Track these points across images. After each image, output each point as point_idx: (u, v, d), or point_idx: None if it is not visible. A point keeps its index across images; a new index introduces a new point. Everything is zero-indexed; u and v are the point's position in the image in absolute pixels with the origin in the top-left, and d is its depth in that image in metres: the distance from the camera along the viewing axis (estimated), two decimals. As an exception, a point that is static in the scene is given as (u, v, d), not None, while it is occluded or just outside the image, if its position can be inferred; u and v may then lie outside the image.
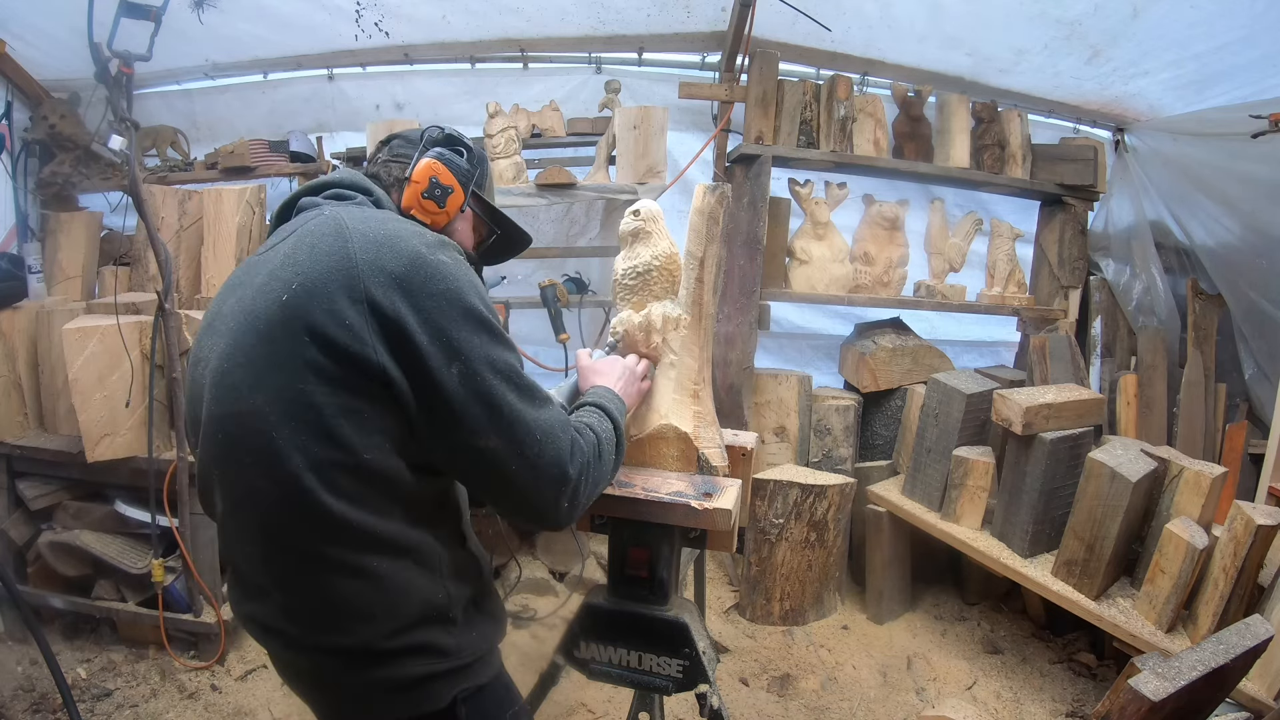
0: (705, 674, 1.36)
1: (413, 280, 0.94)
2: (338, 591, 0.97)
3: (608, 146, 3.09)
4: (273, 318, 0.94)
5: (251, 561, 1.03)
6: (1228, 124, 2.99)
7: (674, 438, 1.46)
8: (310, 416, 0.92)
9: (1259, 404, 3.16)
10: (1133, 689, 1.11)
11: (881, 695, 2.43)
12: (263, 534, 0.99)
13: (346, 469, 0.93)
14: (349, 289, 0.92)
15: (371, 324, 0.92)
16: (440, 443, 0.98)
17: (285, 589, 1.00)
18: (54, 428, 2.54)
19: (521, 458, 0.99)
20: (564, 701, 2.26)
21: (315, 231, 1.00)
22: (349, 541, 0.95)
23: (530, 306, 2.96)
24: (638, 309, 1.53)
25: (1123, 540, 2.21)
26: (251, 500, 0.97)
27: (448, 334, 0.94)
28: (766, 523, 2.72)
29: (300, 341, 0.92)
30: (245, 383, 0.95)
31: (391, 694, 1.02)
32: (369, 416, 0.93)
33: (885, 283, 3.27)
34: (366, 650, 0.99)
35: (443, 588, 1.04)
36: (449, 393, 0.94)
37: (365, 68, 3.30)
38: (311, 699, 1.11)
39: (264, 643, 1.07)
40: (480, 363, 0.96)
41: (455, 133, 1.28)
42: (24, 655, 2.39)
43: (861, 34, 3.12)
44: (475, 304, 0.98)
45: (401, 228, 1.02)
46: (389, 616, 0.99)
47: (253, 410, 0.94)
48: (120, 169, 3.05)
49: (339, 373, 0.92)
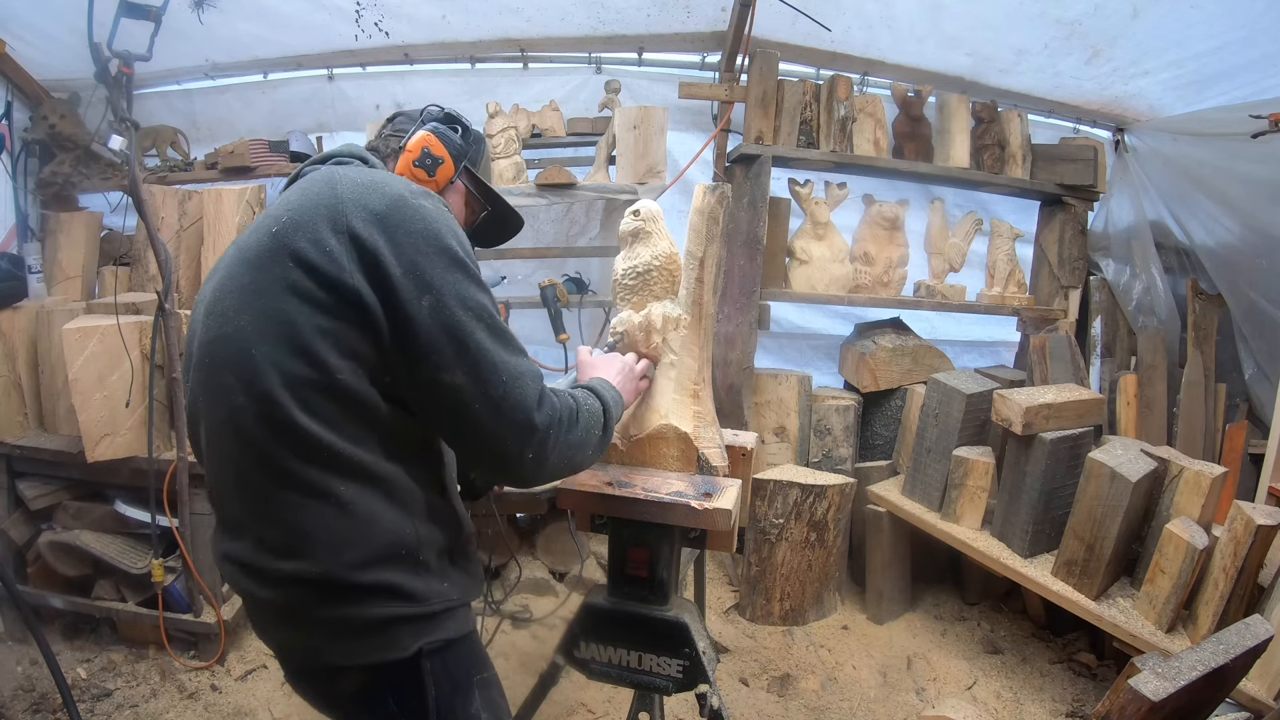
0: (705, 674, 1.36)
1: (392, 218, 1.00)
2: (305, 515, 0.99)
3: (608, 146, 3.09)
4: (262, 247, 1.01)
5: (227, 489, 1.06)
6: (1228, 124, 2.99)
7: (674, 438, 1.47)
8: (287, 334, 0.97)
9: (1259, 404, 3.16)
10: (1133, 689, 1.11)
11: (881, 695, 2.43)
12: (238, 456, 1.02)
13: (319, 388, 0.97)
14: (332, 221, 0.99)
15: (351, 252, 0.97)
16: (410, 377, 1.00)
17: (256, 514, 1.03)
18: (54, 428, 2.54)
19: (485, 396, 1.01)
20: (564, 701, 2.26)
21: (310, 180, 1.10)
22: (318, 461, 0.98)
23: (530, 306, 2.96)
24: (638, 309, 1.53)
25: (1123, 540, 2.22)
26: (231, 421, 1.01)
27: (421, 268, 0.98)
28: (766, 523, 2.72)
29: (285, 266, 0.98)
30: (233, 307, 1.01)
31: (357, 636, 1.03)
32: (344, 338, 0.97)
33: (885, 283, 3.27)
34: (332, 581, 1.00)
35: (412, 527, 1.05)
36: (418, 324, 0.97)
37: (365, 68, 3.30)
38: (282, 644, 1.13)
39: (240, 583, 1.08)
40: (451, 298, 0.99)
41: (455, 113, 1.35)
42: (24, 655, 2.39)
43: (861, 34, 3.12)
44: (452, 244, 1.02)
45: (389, 177, 1.09)
46: (354, 545, 1.00)
47: (237, 330, 0.99)
48: (120, 169, 3.05)
49: (319, 295, 0.97)
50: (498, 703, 1.18)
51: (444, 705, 1.09)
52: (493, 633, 2.47)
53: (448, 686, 1.09)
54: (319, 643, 1.05)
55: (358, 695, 1.08)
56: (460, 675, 1.12)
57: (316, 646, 1.05)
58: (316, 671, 1.11)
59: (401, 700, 1.08)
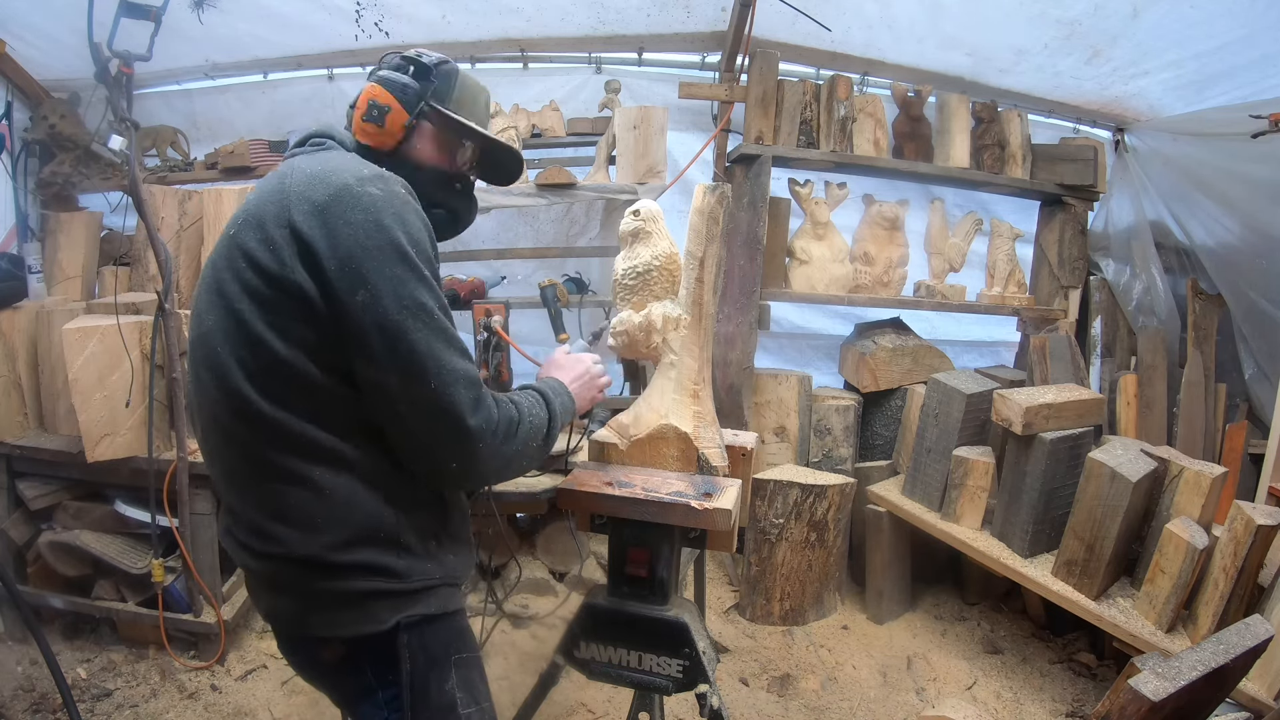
0: (705, 674, 1.36)
1: (332, 209, 0.99)
2: (285, 501, 1.03)
3: (608, 146, 3.09)
4: (221, 248, 1.06)
5: (218, 477, 1.13)
6: (1228, 124, 2.99)
7: (674, 438, 1.46)
8: (243, 330, 1.00)
9: (1259, 404, 3.16)
10: (1133, 689, 1.11)
11: (881, 695, 2.43)
12: (225, 446, 1.08)
13: (276, 377, 1.00)
14: (276, 216, 1.01)
15: (291, 246, 0.99)
16: (350, 368, 1.01)
17: (244, 500, 1.08)
18: (54, 428, 2.54)
19: (413, 400, 1.00)
20: (564, 701, 2.26)
21: (269, 175, 1.12)
22: (291, 448, 1.02)
23: (530, 306, 2.96)
24: (638, 309, 1.53)
25: (1123, 540, 2.21)
26: (213, 416, 1.07)
27: (358, 261, 0.97)
28: (766, 523, 2.72)
29: (238, 265, 1.02)
30: (204, 308, 1.07)
31: (338, 608, 1.06)
32: (290, 329, 0.99)
33: (885, 283, 3.27)
34: (315, 561, 1.03)
35: (390, 510, 1.06)
36: (352, 319, 0.98)
37: (365, 68, 3.29)
38: (271, 612, 1.15)
39: (236, 555, 1.12)
40: (388, 295, 0.98)
41: (418, 54, 1.23)
42: (24, 655, 2.39)
43: (861, 34, 3.12)
44: (396, 236, 1.00)
45: (341, 164, 1.06)
46: (332, 529, 1.03)
47: (208, 331, 1.05)
48: (120, 169, 3.05)
49: (265, 291, 0.99)
50: (475, 683, 1.18)
51: (418, 679, 1.10)
52: (489, 631, 2.47)
53: (423, 661, 1.10)
54: (304, 614, 1.08)
55: (338, 665, 1.11)
56: (438, 651, 1.12)
57: (302, 617, 1.08)
58: (302, 640, 1.15)
59: (378, 672, 1.10)
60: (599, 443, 1.52)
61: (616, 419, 1.55)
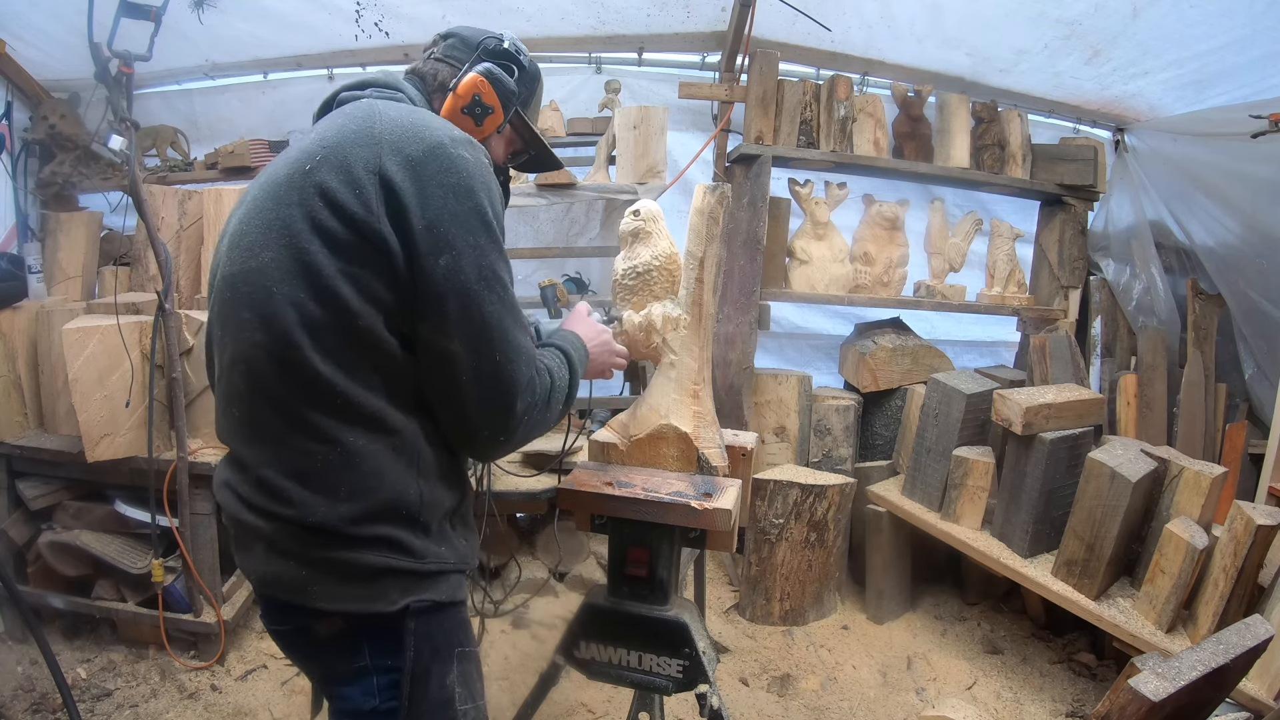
0: (705, 674, 1.36)
1: (427, 166, 0.96)
2: (310, 462, 0.96)
3: (608, 146, 3.09)
4: (291, 182, 0.98)
5: (232, 425, 1.04)
6: (1228, 124, 2.99)
7: (674, 438, 1.47)
8: (310, 274, 0.94)
9: (1259, 404, 3.16)
10: (1133, 689, 1.11)
11: (881, 695, 2.43)
12: (250, 393, 0.99)
13: (338, 330, 0.95)
14: (365, 161, 0.96)
15: (380, 195, 0.94)
16: (414, 329, 0.98)
17: (261, 456, 1.00)
18: (54, 428, 2.54)
19: (476, 371, 0.99)
20: (564, 701, 2.26)
21: (347, 113, 1.04)
22: (329, 407, 0.96)
23: (530, 306, 2.95)
24: (638, 309, 1.53)
25: (1123, 540, 2.21)
26: (246, 358, 0.98)
27: (445, 224, 0.95)
28: (766, 523, 2.72)
29: (312, 203, 0.95)
30: (257, 243, 0.98)
31: (345, 580, 0.99)
32: (366, 283, 0.95)
33: (885, 283, 3.27)
34: (328, 529, 0.97)
35: (417, 486, 1.02)
36: (430, 281, 0.95)
37: (365, 68, 3.30)
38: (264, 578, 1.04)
39: (233, 513, 1.04)
40: (469, 262, 0.97)
41: (514, 46, 1.24)
42: (24, 655, 2.39)
43: (861, 34, 3.12)
44: (483, 204, 0.99)
45: (431, 119, 1.04)
46: (356, 498, 0.97)
47: (259, 267, 0.97)
48: (120, 169, 3.05)
49: (344, 235, 0.94)
50: (473, 679, 1.15)
51: (420, 668, 1.05)
52: (480, 629, 2.47)
53: (427, 650, 1.05)
54: (305, 582, 1.00)
55: (334, 642, 1.04)
56: (442, 642, 1.08)
57: (302, 585, 1.00)
58: (296, 611, 1.05)
59: (378, 655, 1.04)
60: (599, 443, 1.53)
61: (616, 419, 1.55)
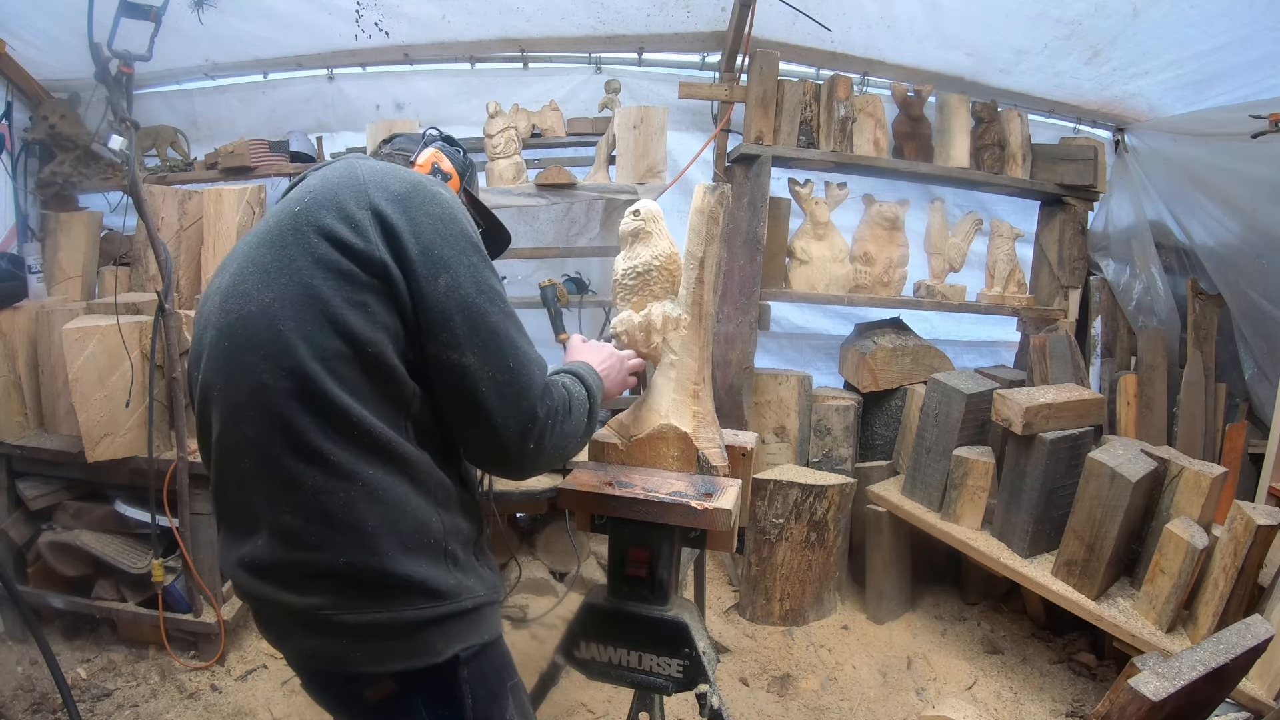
0: (705, 674, 1.36)
1: (411, 199, 1.03)
2: (331, 499, 0.95)
3: (608, 146, 3.09)
4: (284, 227, 1.01)
5: (243, 484, 1.00)
6: (1228, 124, 2.99)
7: (674, 438, 1.47)
8: (317, 306, 0.96)
9: (1259, 404, 3.16)
10: (1133, 689, 1.11)
11: (881, 695, 2.43)
12: (262, 438, 0.96)
13: (350, 361, 0.96)
14: (356, 199, 1.01)
15: (375, 225, 0.99)
16: (422, 354, 1.01)
17: (276, 502, 0.97)
18: (54, 428, 2.54)
19: (493, 379, 1.01)
20: (564, 701, 2.26)
21: (326, 169, 1.11)
22: (347, 439, 0.96)
23: (530, 306, 2.96)
24: (638, 309, 1.53)
25: (1123, 540, 2.21)
26: (257, 403, 0.96)
27: (438, 248, 1.00)
28: (766, 523, 2.72)
29: (310, 241, 0.98)
30: (256, 287, 0.99)
31: (388, 640, 0.97)
32: (373, 311, 0.97)
33: (885, 283, 3.27)
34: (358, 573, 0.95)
35: (437, 515, 1.02)
36: (432, 302, 0.99)
37: (365, 68, 3.30)
38: (302, 652, 1.02)
39: (256, 589, 1.01)
40: (467, 279, 1.01)
41: (448, 136, 1.46)
42: (24, 655, 2.39)
43: (861, 34, 3.11)
44: (468, 229, 1.06)
45: (405, 168, 1.14)
46: (381, 533, 0.96)
47: (261, 309, 0.97)
48: (120, 169, 3.05)
49: (346, 265, 0.97)
50: (527, 707, 1.17)
51: (480, 714, 1.05)
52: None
53: (484, 694, 1.05)
54: (346, 650, 0.97)
55: (387, 704, 1.02)
56: (495, 682, 1.08)
57: (343, 654, 0.98)
58: (340, 679, 1.03)
59: (434, 708, 1.03)
60: (599, 443, 1.52)
61: (616, 419, 1.55)
